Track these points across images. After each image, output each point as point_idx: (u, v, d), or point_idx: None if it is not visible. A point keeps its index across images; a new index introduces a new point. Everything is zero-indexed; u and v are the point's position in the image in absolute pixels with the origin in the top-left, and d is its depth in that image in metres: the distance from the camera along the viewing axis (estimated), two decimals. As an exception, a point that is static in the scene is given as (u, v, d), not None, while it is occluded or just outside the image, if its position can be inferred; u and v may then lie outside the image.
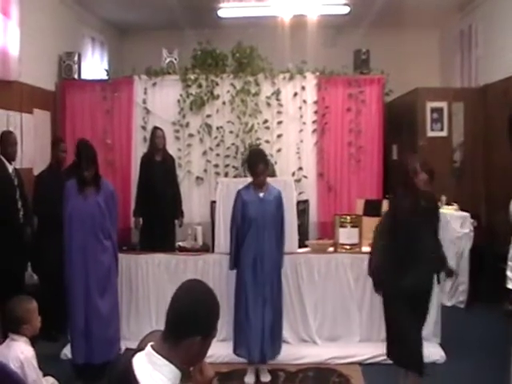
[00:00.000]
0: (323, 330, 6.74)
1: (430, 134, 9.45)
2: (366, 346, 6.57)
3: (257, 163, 5.95)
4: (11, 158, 6.55)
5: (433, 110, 9.49)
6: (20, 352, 3.86)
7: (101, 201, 5.91)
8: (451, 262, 7.96)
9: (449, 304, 7.98)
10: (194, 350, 2.37)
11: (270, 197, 6.01)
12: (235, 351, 6.06)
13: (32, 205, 6.87)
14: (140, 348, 2.45)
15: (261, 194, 5.98)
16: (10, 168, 6.50)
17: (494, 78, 9.09)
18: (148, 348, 2.38)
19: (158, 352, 2.34)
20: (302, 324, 6.73)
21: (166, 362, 2.32)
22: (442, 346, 6.53)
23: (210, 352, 2.46)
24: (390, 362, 5.42)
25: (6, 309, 4.05)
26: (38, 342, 4.22)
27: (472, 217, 8.30)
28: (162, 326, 2.46)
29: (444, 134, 9.45)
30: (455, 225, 8.18)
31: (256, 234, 5.92)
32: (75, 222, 5.87)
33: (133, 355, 2.39)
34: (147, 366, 2.32)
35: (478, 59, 10.05)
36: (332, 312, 6.75)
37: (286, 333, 6.50)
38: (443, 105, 9.49)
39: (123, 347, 6.07)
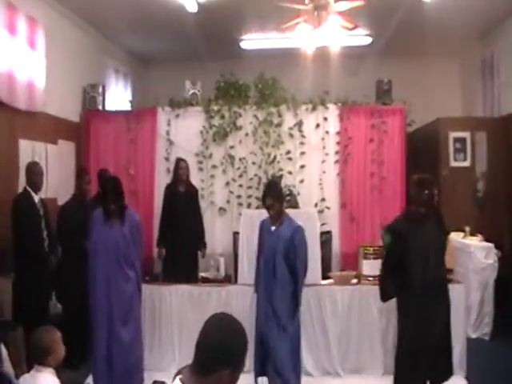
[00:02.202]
0: (347, 362, 6.69)
1: (453, 163, 9.42)
2: (390, 379, 6.47)
3: (264, 197, 5.96)
4: (37, 189, 6.63)
5: (455, 140, 9.47)
6: (46, 384, 3.87)
7: (126, 231, 5.97)
8: (476, 293, 7.93)
9: (474, 336, 7.85)
10: (223, 383, 2.37)
11: (283, 232, 5.89)
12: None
13: (56, 235, 6.91)
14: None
15: (272, 228, 5.96)
16: (36, 198, 6.58)
17: (516, 107, 9.07)
18: (177, 381, 2.38)
19: None
20: (325, 356, 6.69)
21: None
22: (468, 378, 6.45)
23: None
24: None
25: (31, 340, 4.06)
26: (60, 370, 4.21)
27: (496, 247, 8.22)
28: (184, 357, 2.48)
29: (467, 163, 9.41)
30: (479, 255, 8.10)
31: (265, 265, 5.90)
32: (100, 251, 5.94)
33: None
34: None
35: (499, 88, 10.02)
36: (356, 344, 6.69)
37: (309, 364, 6.47)
38: (466, 134, 9.46)
39: (146, 378, 6.08)
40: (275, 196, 5.93)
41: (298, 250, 5.84)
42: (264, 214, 6.21)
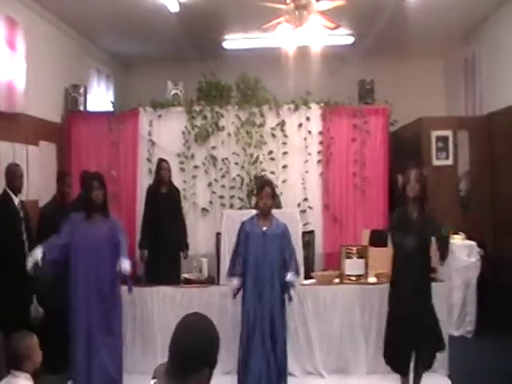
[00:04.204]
0: (329, 363, 6.69)
1: (436, 162, 9.42)
2: (374, 378, 6.52)
3: (264, 186, 6.01)
4: (17, 191, 6.54)
5: (438, 139, 9.47)
6: (20, 389, 3.83)
7: (106, 228, 5.96)
8: (458, 292, 7.95)
9: (456, 334, 7.86)
10: (203, 382, 2.39)
11: (275, 231, 5.99)
12: None
13: (36, 237, 6.85)
14: None
15: (264, 228, 5.97)
16: (16, 201, 6.49)
17: (498, 105, 9.06)
18: None
19: None
20: (307, 356, 6.68)
21: None
22: (450, 377, 6.46)
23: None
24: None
25: (8, 346, 4.03)
26: (43, 375, 4.18)
27: (479, 246, 8.25)
28: (167, 359, 2.46)
29: (449, 162, 9.42)
30: (462, 254, 8.13)
31: (257, 269, 5.91)
32: (81, 250, 5.91)
33: None
34: None
35: (482, 87, 10.06)
36: (338, 344, 6.70)
37: (292, 365, 6.44)
38: (448, 133, 9.46)
39: (127, 381, 6.06)
40: (272, 188, 6.15)
41: (290, 245, 6.09)
42: (246, 214, 6.21)
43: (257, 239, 5.92)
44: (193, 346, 2.37)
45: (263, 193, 5.99)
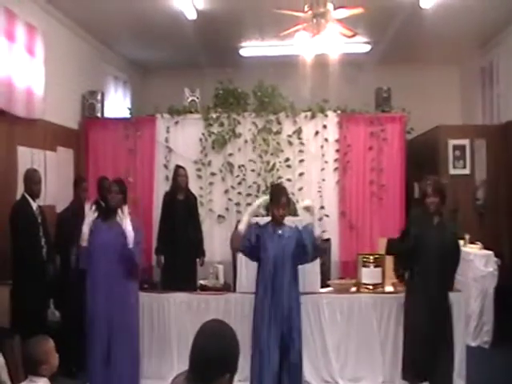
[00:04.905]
0: (346, 371, 6.65)
1: (453, 171, 9.41)
2: (389, 388, 6.49)
3: (281, 196, 5.96)
4: (35, 196, 6.60)
5: (455, 148, 9.46)
6: (40, 395, 3.82)
7: (121, 230, 5.97)
8: (476, 301, 7.90)
9: (473, 344, 7.81)
10: None
11: (288, 234, 5.92)
12: None
13: (54, 243, 6.89)
14: None
15: (279, 231, 5.92)
16: (34, 205, 6.55)
17: (516, 114, 9.05)
18: None
19: None
20: (324, 365, 6.64)
21: None
22: (467, 387, 6.42)
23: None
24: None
25: (24, 351, 4.03)
26: (58, 378, 4.18)
27: (496, 255, 8.19)
28: (183, 365, 2.47)
29: (467, 171, 9.41)
30: (479, 264, 8.08)
31: (273, 271, 5.79)
32: (98, 252, 5.93)
33: None
34: None
35: (499, 96, 10.03)
36: (355, 353, 6.66)
37: (308, 374, 6.43)
38: (465, 142, 9.45)
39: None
40: (287, 197, 6.04)
41: (306, 233, 5.93)
42: (262, 221, 6.19)
43: (272, 242, 5.86)
44: (213, 352, 2.38)
45: (280, 203, 5.94)
